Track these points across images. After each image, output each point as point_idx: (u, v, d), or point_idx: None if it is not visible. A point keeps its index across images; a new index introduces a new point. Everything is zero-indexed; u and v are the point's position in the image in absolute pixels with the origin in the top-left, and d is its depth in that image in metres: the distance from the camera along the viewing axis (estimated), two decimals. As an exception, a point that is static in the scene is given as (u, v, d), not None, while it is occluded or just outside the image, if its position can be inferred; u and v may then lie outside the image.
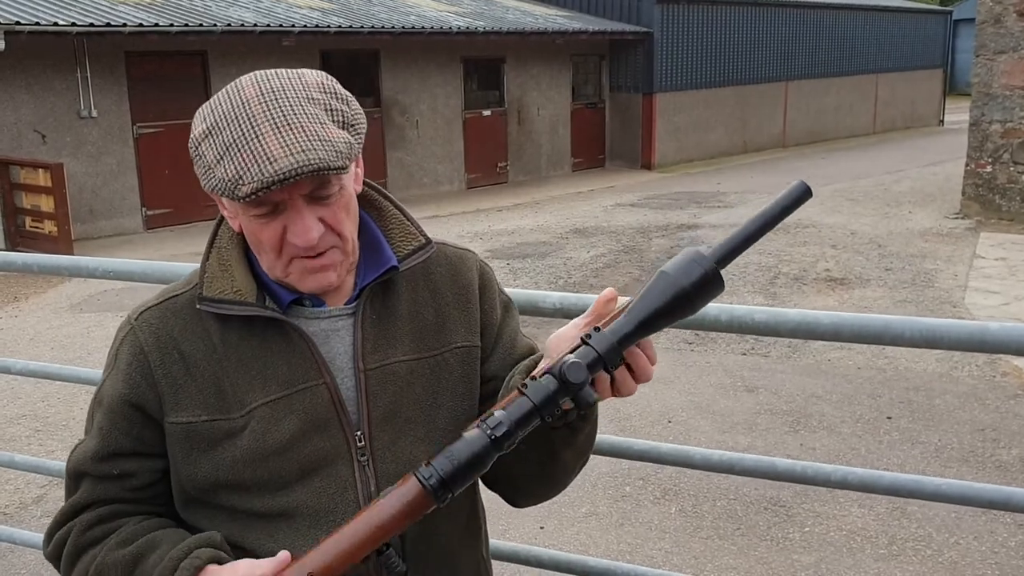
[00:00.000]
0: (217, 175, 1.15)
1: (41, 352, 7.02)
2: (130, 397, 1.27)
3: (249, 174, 1.12)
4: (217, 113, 1.17)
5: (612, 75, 18.79)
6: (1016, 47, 11.12)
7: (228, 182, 1.14)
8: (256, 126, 1.14)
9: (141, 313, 1.30)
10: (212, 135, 1.17)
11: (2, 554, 3.92)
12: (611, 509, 4.28)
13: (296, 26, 13.00)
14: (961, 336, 1.48)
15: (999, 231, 10.84)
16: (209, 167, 1.16)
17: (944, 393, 5.64)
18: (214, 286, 1.25)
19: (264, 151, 1.12)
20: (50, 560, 1.33)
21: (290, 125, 1.14)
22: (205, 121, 1.18)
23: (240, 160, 1.13)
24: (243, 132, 1.14)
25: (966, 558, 3.79)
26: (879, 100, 24.41)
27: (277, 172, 1.11)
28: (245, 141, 1.13)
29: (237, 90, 1.18)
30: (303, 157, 1.12)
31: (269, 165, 1.12)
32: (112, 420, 1.29)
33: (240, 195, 1.13)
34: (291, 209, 1.18)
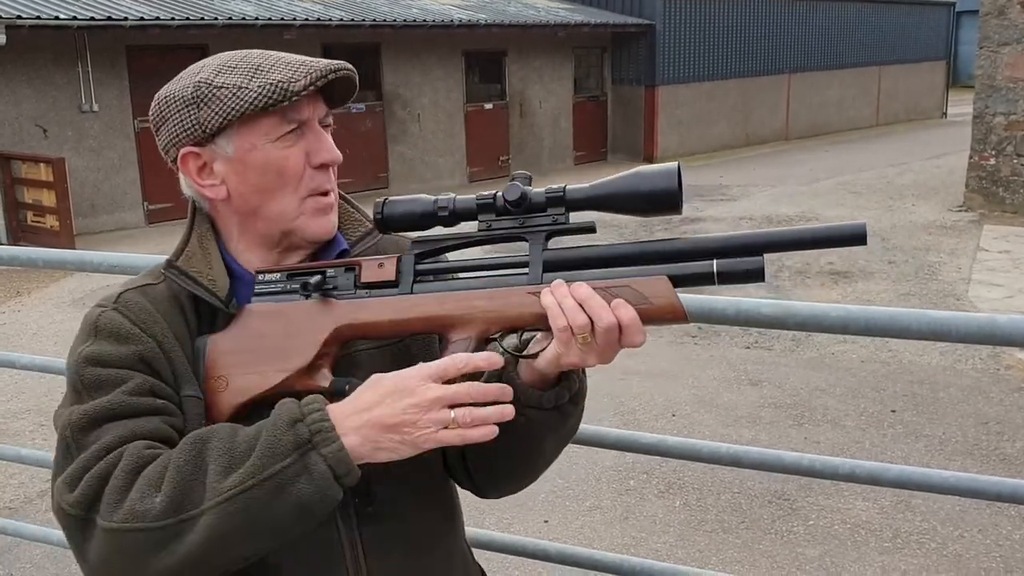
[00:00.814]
0: (257, 85, 1.17)
1: (44, 347, 7.03)
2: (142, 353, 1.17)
3: (300, 72, 1.17)
4: (213, 62, 1.22)
5: (614, 68, 18.75)
6: (1020, 39, 11.08)
7: (279, 83, 1.17)
8: (274, 55, 1.22)
9: (119, 295, 1.22)
10: (228, 69, 1.20)
11: (8, 548, 3.93)
12: (615, 503, 4.28)
13: (297, 19, 12.98)
14: (970, 329, 1.47)
15: (1003, 224, 10.82)
16: (240, 87, 1.18)
17: (948, 386, 5.63)
18: (191, 262, 1.23)
19: (299, 59, 1.20)
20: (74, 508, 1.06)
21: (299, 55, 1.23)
22: (203, 71, 1.21)
23: (281, 68, 1.18)
24: (267, 58, 1.21)
25: (970, 551, 3.79)
26: (882, 92, 24.36)
27: (326, 66, 1.19)
28: (274, 60, 1.20)
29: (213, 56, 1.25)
30: (331, 60, 1.21)
31: (314, 63, 1.19)
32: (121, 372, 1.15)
33: (295, 90, 1.16)
34: (310, 131, 1.22)
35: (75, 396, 1.15)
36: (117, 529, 1.03)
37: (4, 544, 3.94)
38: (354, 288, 1.19)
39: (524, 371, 1.21)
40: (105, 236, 11.69)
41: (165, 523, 1.03)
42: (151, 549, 1.03)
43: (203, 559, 1.04)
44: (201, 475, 1.04)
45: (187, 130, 1.21)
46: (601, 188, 1.13)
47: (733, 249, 1.12)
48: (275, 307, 1.20)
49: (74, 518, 1.06)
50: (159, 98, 1.25)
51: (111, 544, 1.04)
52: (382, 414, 1.06)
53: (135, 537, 1.03)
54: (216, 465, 1.05)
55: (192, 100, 1.20)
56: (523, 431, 1.21)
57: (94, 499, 1.05)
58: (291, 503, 1.04)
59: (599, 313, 1.09)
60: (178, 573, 1.05)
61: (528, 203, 1.14)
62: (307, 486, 1.03)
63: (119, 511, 1.04)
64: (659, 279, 1.11)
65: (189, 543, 1.03)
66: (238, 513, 1.03)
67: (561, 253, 1.16)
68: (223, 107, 1.18)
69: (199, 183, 1.23)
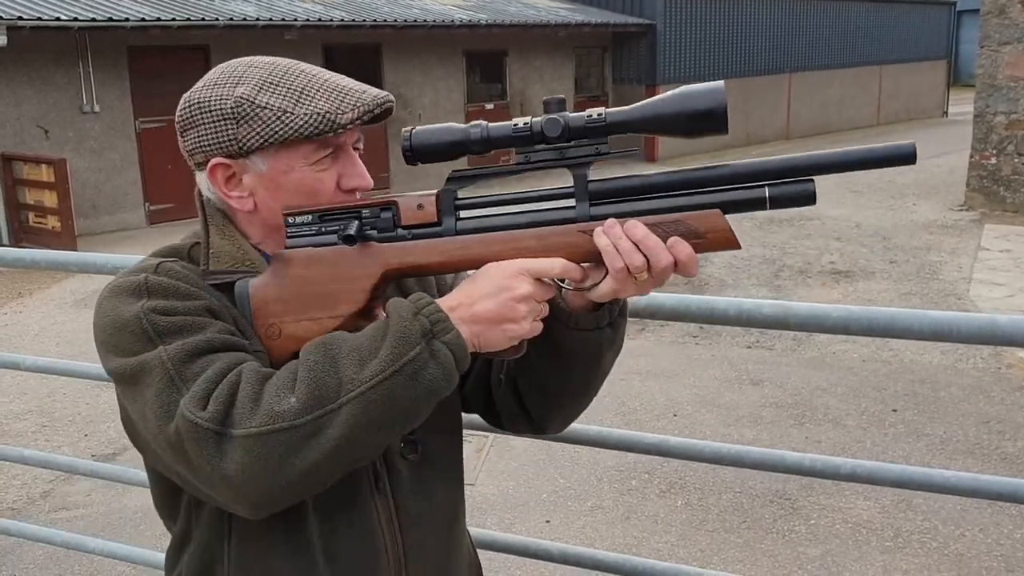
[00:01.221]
0: (304, 113, 1.17)
1: (46, 348, 7.04)
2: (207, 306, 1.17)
3: (347, 103, 1.18)
4: (254, 74, 1.20)
5: (615, 67, 18.75)
6: (1020, 38, 11.08)
7: (327, 114, 1.17)
8: (315, 75, 1.21)
9: (158, 265, 1.20)
10: (269, 88, 1.18)
11: (11, 549, 3.93)
12: (617, 503, 4.29)
13: (298, 20, 12.99)
14: (972, 329, 1.47)
15: (1003, 223, 10.81)
16: (284, 111, 1.17)
17: (949, 385, 5.64)
18: (222, 259, 1.23)
19: (347, 87, 1.19)
20: (210, 423, 1.05)
21: (341, 76, 1.23)
22: (244, 82, 1.19)
23: (328, 96, 1.18)
24: (308, 80, 1.19)
25: (971, 550, 3.79)
26: (883, 92, 24.35)
27: (375, 98, 1.19)
28: (319, 84, 1.19)
29: (247, 62, 1.23)
30: (379, 91, 1.21)
31: (363, 94, 1.19)
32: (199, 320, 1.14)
33: (343, 122, 1.17)
34: (344, 155, 1.23)
35: (148, 343, 1.12)
36: (258, 433, 1.04)
37: (7, 545, 3.94)
38: (394, 228, 1.18)
39: (572, 298, 1.23)
40: (106, 237, 11.70)
41: (306, 419, 1.04)
42: (293, 448, 1.04)
43: (343, 451, 1.06)
44: (334, 371, 1.06)
45: (221, 142, 1.20)
46: (644, 110, 1.11)
47: (781, 172, 1.11)
48: (315, 253, 1.18)
49: (210, 432, 1.05)
50: (190, 102, 1.23)
51: (253, 450, 1.04)
52: (485, 308, 1.12)
53: (276, 438, 1.04)
54: (348, 360, 1.07)
55: (231, 115, 1.18)
56: (584, 354, 1.26)
57: (227, 412, 1.05)
58: (423, 387, 1.08)
59: (657, 254, 1.11)
60: (318, 470, 1.06)
61: (568, 132, 1.12)
62: (436, 370, 1.08)
63: (256, 416, 1.04)
64: (712, 212, 1.11)
65: (330, 437, 1.05)
66: (380, 401, 1.06)
67: (606, 184, 1.15)
68: (265, 129, 1.17)
69: (226, 193, 1.23)
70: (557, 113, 1.12)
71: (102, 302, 1.18)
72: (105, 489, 4.51)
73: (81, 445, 5.12)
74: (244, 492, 1.06)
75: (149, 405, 1.09)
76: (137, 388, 1.11)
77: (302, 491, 1.09)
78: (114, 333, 1.14)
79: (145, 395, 1.10)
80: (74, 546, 2.62)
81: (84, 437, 5.23)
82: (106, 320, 1.16)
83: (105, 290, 1.20)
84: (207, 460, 1.05)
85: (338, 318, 1.17)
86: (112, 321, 1.15)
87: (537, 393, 1.33)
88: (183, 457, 1.07)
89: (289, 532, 1.21)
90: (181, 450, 1.07)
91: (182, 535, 1.28)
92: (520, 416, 1.37)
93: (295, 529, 1.21)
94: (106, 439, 5.18)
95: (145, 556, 2.52)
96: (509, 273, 1.12)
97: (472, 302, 1.12)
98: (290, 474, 1.05)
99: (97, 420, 5.46)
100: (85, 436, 5.24)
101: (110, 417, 5.49)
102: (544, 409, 1.35)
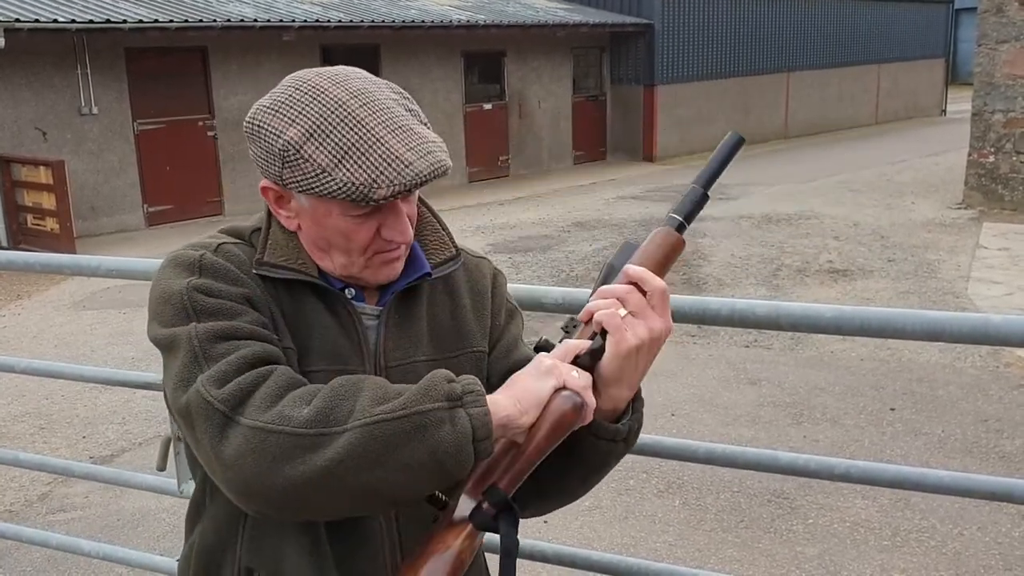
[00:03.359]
0: (341, 179, 1.15)
1: (44, 350, 7.04)
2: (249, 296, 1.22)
3: (385, 177, 1.15)
4: (312, 115, 1.17)
5: (613, 67, 18.75)
6: (1018, 36, 11.08)
7: (360, 186, 1.15)
8: (371, 129, 1.16)
9: (219, 245, 1.25)
10: (318, 137, 1.16)
11: (8, 552, 3.93)
12: (615, 502, 4.29)
13: (296, 21, 12.98)
14: (964, 329, 1.47)
15: (1002, 221, 10.82)
16: (324, 170, 1.16)
17: (947, 384, 5.64)
18: (277, 253, 1.26)
19: (394, 154, 1.16)
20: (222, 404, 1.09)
21: (401, 128, 1.18)
22: (298, 123, 1.17)
23: (370, 164, 1.15)
24: (360, 136, 1.16)
25: (969, 549, 3.79)
26: (881, 90, 24.35)
27: (416, 175, 1.16)
28: (367, 145, 1.15)
29: (319, 91, 1.19)
30: (432, 159, 1.18)
31: (406, 168, 1.16)
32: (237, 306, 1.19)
33: (375, 197, 1.15)
34: (388, 207, 1.22)
35: (185, 319, 1.17)
36: (262, 428, 1.07)
37: (4, 548, 3.94)
38: None
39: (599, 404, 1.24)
40: (105, 239, 11.70)
41: (308, 431, 1.07)
42: (288, 454, 1.06)
43: (331, 476, 1.07)
44: (352, 399, 1.09)
45: (270, 172, 1.21)
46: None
47: None
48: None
49: (218, 413, 1.09)
50: (254, 119, 1.22)
51: (252, 442, 1.07)
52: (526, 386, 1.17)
53: (277, 439, 1.07)
54: (368, 394, 1.10)
55: (279, 155, 1.19)
56: (592, 458, 1.28)
57: (242, 399, 1.09)
58: (428, 445, 1.08)
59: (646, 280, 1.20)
60: (302, 485, 1.07)
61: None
62: (448, 435, 1.08)
63: (268, 413, 1.08)
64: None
65: (324, 456, 1.06)
66: (380, 438, 1.07)
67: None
68: (304, 181, 1.17)
69: (276, 210, 1.27)
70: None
71: (162, 269, 1.25)
72: (103, 491, 4.51)
73: (79, 447, 5.12)
74: (231, 476, 1.09)
75: (171, 375, 1.16)
76: (168, 358, 1.18)
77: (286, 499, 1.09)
78: (160, 303, 1.21)
79: (172, 365, 1.16)
80: (71, 549, 2.62)
81: (82, 439, 5.23)
82: (158, 289, 1.22)
83: (167, 257, 1.26)
84: (208, 436, 1.09)
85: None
86: (161, 292, 1.21)
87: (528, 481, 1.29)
88: (190, 429, 1.13)
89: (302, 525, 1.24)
90: (189, 422, 1.12)
91: (197, 503, 1.34)
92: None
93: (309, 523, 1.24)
94: (104, 441, 5.18)
95: (143, 559, 2.52)
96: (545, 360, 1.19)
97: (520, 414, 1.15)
98: (277, 479, 1.07)
99: (95, 422, 5.46)
100: (83, 438, 5.24)
101: (108, 419, 5.49)
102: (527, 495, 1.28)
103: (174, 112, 12.59)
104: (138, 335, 7.21)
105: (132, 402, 5.68)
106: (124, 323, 7.68)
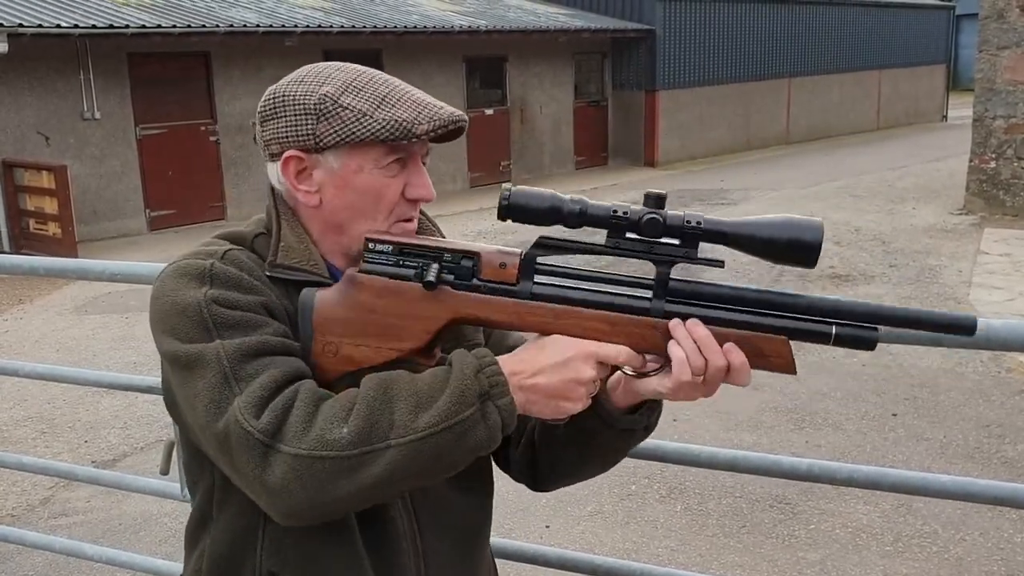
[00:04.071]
0: (383, 117, 1.21)
1: (46, 354, 7.04)
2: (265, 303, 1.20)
3: (424, 115, 1.22)
4: (341, 77, 1.24)
5: (615, 73, 18.77)
6: (1019, 42, 11.09)
7: (404, 121, 1.21)
8: (397, 85, 1.26)
9: (226, 252, 1.23)
10: (354, 90, 1.23)
11: (10, 556, 3.93)
12: (617, 507, 4.29)
13: (299, 26, 13.01)
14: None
15: (1003, 227, 10.82)
16: (365, 114, 1.21)
17: (949, 389, 5.64)
18: (290, 255, 1.25)
19: (425, 100, 1.24)
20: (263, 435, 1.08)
21: (417, 90, 1.27)
22: (329, 83, 1.23)
23: (408, 106, 1.22)
24: (392, 89, 1.24)
25: (972, 554, 3.79)
26: (882, 96, 24.37)
27: (450, 115, 1.23)
28: (400, 94, 1.24)
29: (336, 67, 1.27)
30: (454, 110, 1.25)
31: (440, 110, 1.23)
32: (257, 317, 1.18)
33: (418, 132, 1.21)
34: (412, 164, 1.27)
35: (205, 334, 1.15)
36: (307, 456, 1.07)
37: (7, 552, 3.94)
38: (471, 278, 1.20)
39: (619, 398, 1.26)
40: (107, 243, 11.71)
41: (353, 452, 1.07)
42: (335, 476, 1.08)
43: (379, 489, 1.10)
44: (388, 411, 1.09)
45: (299, 136, 1.23)
46: (743, 228, 1.14)
47: (852, 315, 1.15)
48: (389, 284, 1.20)
49: (259, 443, 1.08)
50: (275, 94, 1.26)
51: (297, 469, 1.07)
52: (546, 382, 1.14)
53: (323, 464, 1.07)
54: (405, 404, 1.10)
55: (313, 111, 1.22)
56: (609, 447, 1.32)
57: (279, 426, 1.08)
58: (468, 447, 1.11)
59: (714, 356, 1.14)
60: (353, 500, 1.10)
61: (663, 231, 1.15)
62: (483, 432, 1.11)
63: (307, 438, 1.08)
64: (780, 339, 1.16)
65: (371, 474, 1.08)
66: (427, 452, 1.09)
67: (686, 286, 1.18)
68: (344, 128, 1.21)
69: (295, 185, 1.26)
70: (657, 211, 1.15)
71: (165, 279, 1.21)
72: (105, 496, 4.51)
73: (81, 451, 5.13)
74: (279, 503, 1.10)
75: (200, 397, 1.12)
76: (190, 376, 1.14)
77: (332, 514, 1.13)
78: (173, 315, 1.17)
79: (197, 385, 1.13)
80: (73, 553, 2.63)
81: (84, 443, 5.23)
82: (166, 300, 1.19)
83: (169, 267, 1.23)
84: (251, 467, 1.09)
85: (397, 351, 1.20)
86: (172, 303, 1.17)
87: (549, 465, 1.38)
88: (228, 456, 1.11)
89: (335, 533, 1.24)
90: (227, 450, 1.11)
91: (203, 516, 1.31)
92: (525, 474, 1.43)
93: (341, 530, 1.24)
94: (106, 445, 5.19)
95: (146, 563, 2.53)
96: (578, 355, 1.15)
97: (534, 371, 1.15)
98: (325, 499, 1.09)
99: (97, 427, 5.46)
100: (85, 443, 5.24)
101: (110, 424, 5.50)
102: (548, 478, 1.41)
103: (176, 117, 12.61)
104: (140, 340, 7.21)
105: (134, 406, 5.68)
106: (126, 327, 7.69)
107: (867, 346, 1.16)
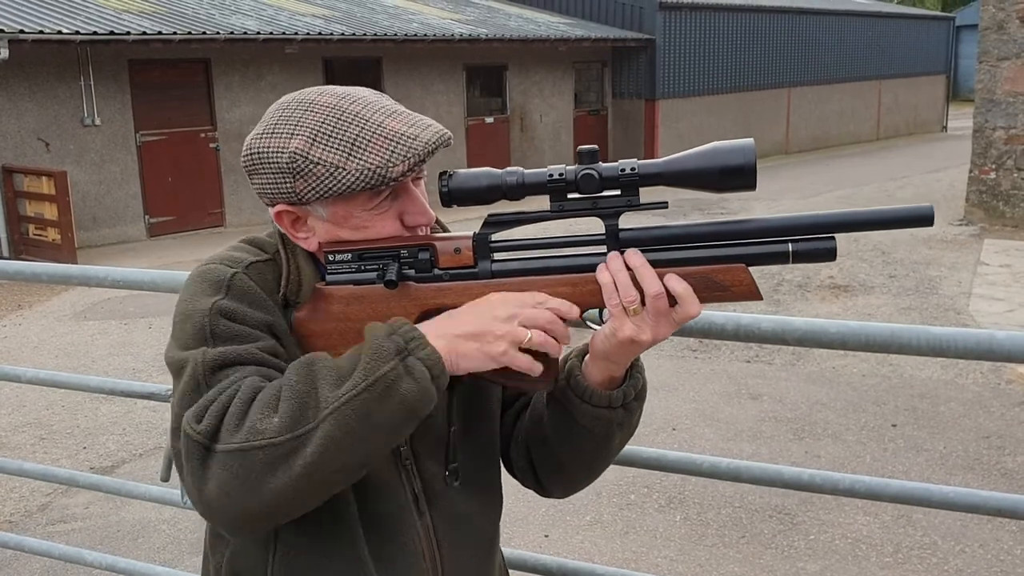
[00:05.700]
0: (355, 168, 1.17)
1: (45, 360, 7.03)
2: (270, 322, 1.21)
3: (397, 154, 1.17)
4: (309, 123, 1.19)
5: (615, 82, 18.82)
6: (1019, 53, 11.12)
7: (377, 168, 1.17)
8: (368, 119, 1.19)
9: (250, 264, 1.23)
10: (322, 140, 1.18)
11: (7, 562, 3.92)
12: (616, 517, 4.28)
13: (299, 34, 13.03)
14: (968, 345, 1.48)
15: (1003, 237, 10.83)
16: (337, 167, 1.18)
17: (949, 400, 5.63)
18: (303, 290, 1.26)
19: (398, 133, 1.19)
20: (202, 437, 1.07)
21: (395, 112, 1.22)
22: (298, 134, 1.19)
23: (379, 147, 1.18)
24: (360, 127, 1.19)
25: (971, 566, 3.78)
26: (882, 106, 24.42)
27: (425, 145, 1.19)
28: (370, 133, 1.18)
29: (307, 103, 1.21)
30: (434, 130, 1.21)
31: (413, 142, 1.18)
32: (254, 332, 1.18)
33: (393, 176, 1.17)
34: (404, 193, 1.25)
35: (200, 341, 1.16)
36: (237, 449, 1.06)
37: (5, 558, 3.93)
38: (431, 269, 1.21)
39: (593, 373, 1.27)
40: (107, 249, 11.71)
41: (284, 438, 1.06)
42: (269, 467, 1.06)
43: (317, 470, 1.07)
44: (313, 392, 1.08)
45: (282, 192, 1.22)
46: (675, 164, 1.15)
47: (807, 228, 1.15)
48: (355, 291, 1.22)
49: (200, 446, 1.08)
50: (251, 150, 1.24)
51: (230, 467, 1.06)
52: (464, 322, 1.15)
53: (254, 456, 1.06)
54: (326, 381, 1.09)
55: (287, 169, 1.20)
56: (594, 431, 1.30)
57: (217, 427, 1.08)
58: (397, 402, 1.09)
59: (649, 282, 1.15)
60: (291, 491, 1.07)
61: (602, 183, 1.16)
62: (411, 385, 1.09)
63: (239, 433, 1.07)
64: (738, 267, 1.16)
65: (305, 455, 1.06)
66: (353, 416, 1.07)
67: (636, 233, 1.19)
68: (320, 184, 1.19)
69: (293, 234, 1.27)
70: (591, 166, 1.16)
71: (190, 282, 1.23)
72: (103, 502, 4.50)
73: (80, 457, 5.12)
74: (220, 511, 1.08)
75: (175, 401, 1.15)
76: (176, 382, 1.17)
77: (278, 514, 1.11)
78: (182, 321, 1.19)
79: (177, 391, 1.15)
80: (72, 559, 2.62)
81: (83, 450, 5.22)
82: (183, 305, 1.21)
83: (197, 269, 1.24)
84: (192, 474, 1.08)
85: None
86: (184, 309, 1.20)
87: (547, 458, 1.38)
88: (179, 464, 1.11)
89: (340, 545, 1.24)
90: (178, 458, 1.11)
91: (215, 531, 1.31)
92: (529, 474, 1.43)
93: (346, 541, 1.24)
94: (105, 452, 5.18)
95: (146, 569, 2.52)
96: (494, 299, 1.17)
97: (452, 322, 1.16)
98: (266, 495, 1.07)
99: (96, 433, 5.45)
100: (84, 449, 5.23)
101: (109, 430, 5.49)
102: (550, 474, 1.41)
103: (176, 124, 12.63)
104: (139, 346, 7.21)
105: (133, 413, 5.67)
106: (125, 334, 7.68)
107: (827, 257, 1.15)
